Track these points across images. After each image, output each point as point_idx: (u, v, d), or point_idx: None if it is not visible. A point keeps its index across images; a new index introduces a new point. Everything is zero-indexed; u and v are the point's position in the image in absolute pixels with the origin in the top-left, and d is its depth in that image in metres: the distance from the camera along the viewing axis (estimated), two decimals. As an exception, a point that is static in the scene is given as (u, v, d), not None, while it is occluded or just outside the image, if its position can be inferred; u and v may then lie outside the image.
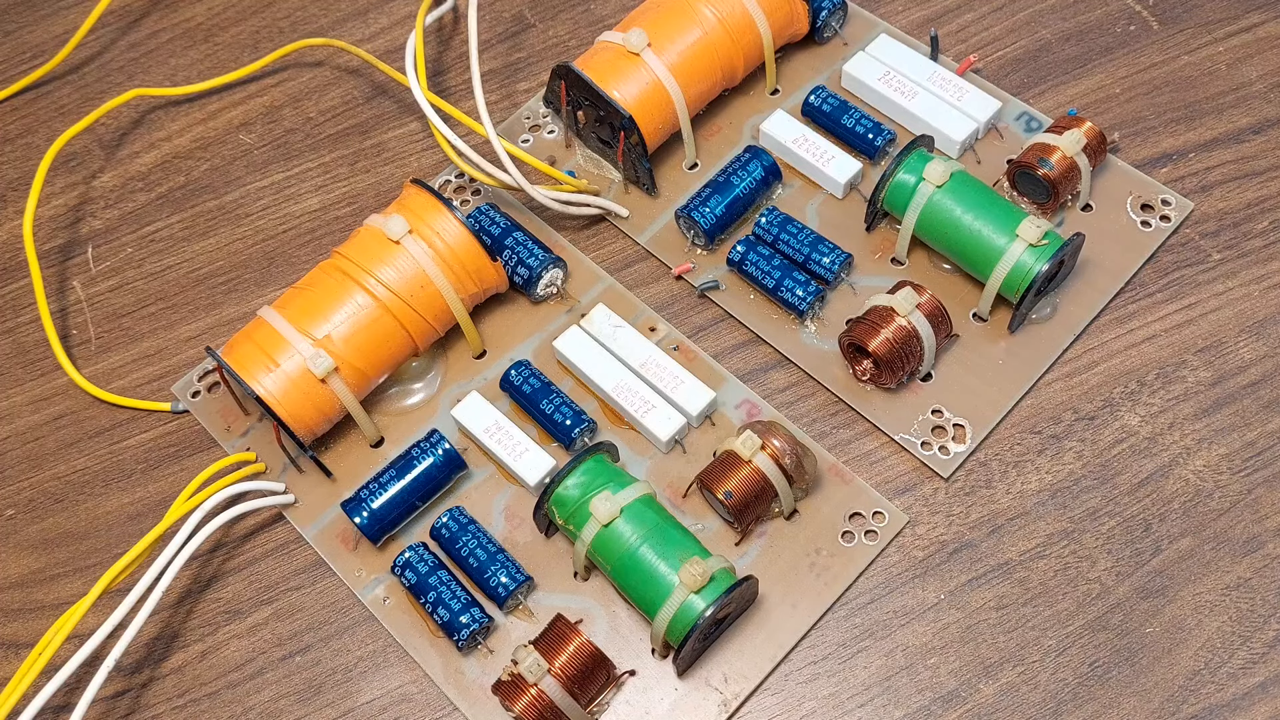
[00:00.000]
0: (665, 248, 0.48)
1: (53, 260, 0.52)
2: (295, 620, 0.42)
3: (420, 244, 0.43)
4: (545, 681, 0.37)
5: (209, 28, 0.58)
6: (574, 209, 0.48)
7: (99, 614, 0.40)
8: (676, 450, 0.43)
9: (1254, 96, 0.49)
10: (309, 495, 0.44)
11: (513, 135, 0.51)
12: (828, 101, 0.49)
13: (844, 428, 0.43)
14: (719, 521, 0.42)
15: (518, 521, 0.42)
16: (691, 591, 0.37)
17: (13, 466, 0.47)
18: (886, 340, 0.41)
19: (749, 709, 0.39)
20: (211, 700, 0.41)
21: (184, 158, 0.54)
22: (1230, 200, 0.46)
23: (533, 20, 0.56)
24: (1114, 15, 0.52)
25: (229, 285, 0.50)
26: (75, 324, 0.50)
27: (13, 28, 0.59)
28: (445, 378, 0.46)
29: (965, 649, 0.39)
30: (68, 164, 0.54)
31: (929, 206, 0.44)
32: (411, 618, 0.41)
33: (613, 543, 0.39)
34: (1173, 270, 0.45)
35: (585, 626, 0.40)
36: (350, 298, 0.42)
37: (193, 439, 0.46)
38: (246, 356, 0.42)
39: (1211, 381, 0.43)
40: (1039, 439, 0.42)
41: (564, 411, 0.43)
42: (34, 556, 0.44)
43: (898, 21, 0.53)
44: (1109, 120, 0.49)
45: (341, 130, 0.54)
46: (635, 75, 0.47)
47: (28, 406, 0.48)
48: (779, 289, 0.45)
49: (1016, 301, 0.43)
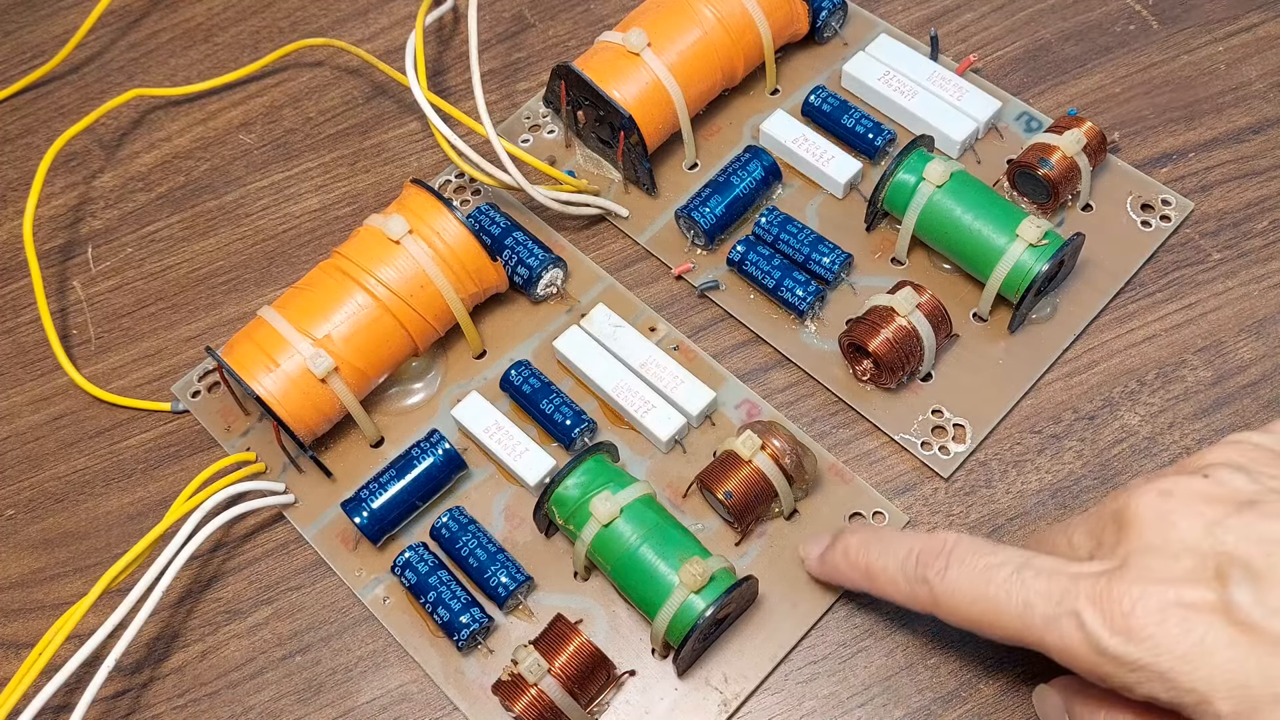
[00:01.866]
0: (665, 248, 0.48)
1: (53, 260, 0.52)
2: (295, 620, 0.42)
3: (420, 244, 0.43)
4: (545, 681, 0.37)
5: (209, 28, 0.58)
6: (574, 209, 0.48)
7: (99, 614, 0.40)
8: (676, 450, 0.43)
9: (1254, 96, 0.49)
10: (309, 495, 0.44)
11: (513, 135, 0.51)
12: (828, 101, 0.49)
13: (844, 428, 0.43)
14: (719, 521, 0.42)
15: (518, 521, 0.42)
16: (691, 591, 0.37)
17: (13, 466, 0.47)
18: (886, 340, 0.41)
19: (749, 709, 0.39)
20: (211, 700, 0.41)
21: (184, 158, 0.54)
22: (1230, 200, 0.47)
23: (533, 20, 0.56)
24: (1114, 15, 0.52)
25: (229, 285, 0.50)
26: (75, 324, 0.50)
27: (13, 28, 0.59)
28: (445, 378, 0.46)
29: (966, 649, 0.39)
30: (68, 164, 0.54)
31: (929, 206, 0.44)
32: (411, 618, 0.41)
33: (613, 543, 0.39)
34: (1173, 270, 0.45)
35: (585, 626, 0.40)
36: (350, 298, 0.43)
37: (193, 439, 0.46)
38: (246, 356, 0.42)
39: (1211, 381, 0.43)
40: (1039, 439, 0.42)
41: (564, 411, 0.43)
42: (34, 556, 0.44)
43: (898, 21, 0.53)
44: (1109, 120, 0.49)
45: (341, 130, 0.54)
46: (635, 75, 0.47)
47: (28, 406, 0.48)
48: (779, 289, 0.45)
49: (1016, 301, 0.43)
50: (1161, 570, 0.30)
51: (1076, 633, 0.30)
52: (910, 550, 0.35)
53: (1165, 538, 0.31)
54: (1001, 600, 0.32)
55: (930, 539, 0.35)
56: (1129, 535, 0.31)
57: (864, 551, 0.37)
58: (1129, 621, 0.29)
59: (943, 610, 0.34)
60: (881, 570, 0.36)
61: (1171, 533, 0.31)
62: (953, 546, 0.34)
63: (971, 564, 0.33)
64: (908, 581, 0.35)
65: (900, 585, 0.35)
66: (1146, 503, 0.31)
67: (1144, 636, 0.29)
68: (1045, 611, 0.31)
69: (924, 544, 0.35)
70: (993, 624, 0.32)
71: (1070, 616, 0.30)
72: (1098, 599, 0.30)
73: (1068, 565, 0.32)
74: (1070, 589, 0.31)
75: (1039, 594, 0.31)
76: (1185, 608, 0.29)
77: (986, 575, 0.33)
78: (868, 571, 0.36)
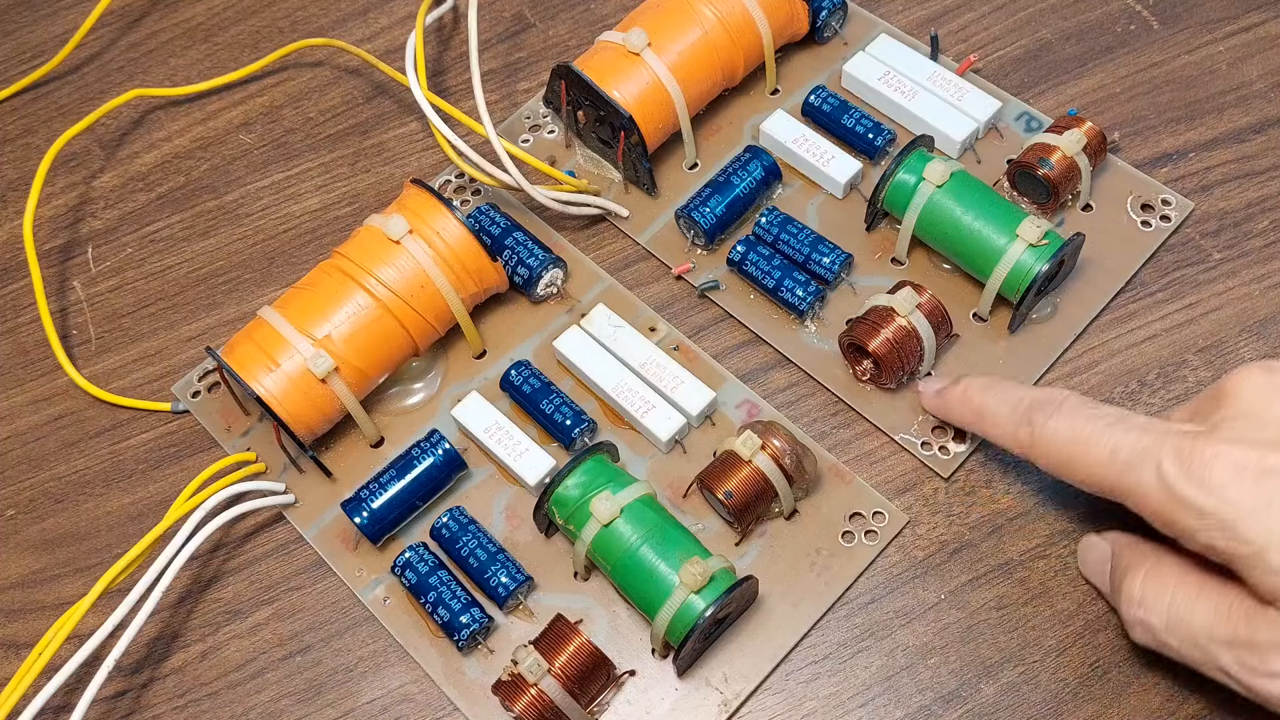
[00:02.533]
0: (665, 248, 0.48)
1: (53, 260, 0.52)
2: (296, 620, 0.42)
3: (420, 244, 0.43)
4: (545, 681, 0.37)
5: (209, 28, 0.58)
6: (574, 209, 0.48)
7: (99, 614, 0.40)
8: (676, 450, 0.43)
9: (1254, 96, 0.49)
10: (309, 495, 0.44)
11: (513, 135, 0.51)
12: (828, 101, 0.49)
13: (844, 428, 0.43)
14: (719, 521, 0.42)
15: (518, 521, 0.42)
16: (692, 591, 0.37)
17: (13, 467, 0.47)
18: (886, 340, 0.41)
19: (749, 709, 0.39)
20: (212, 700, 0.41)
21: (184, 158, 0.54)
22: (1230, 200, 0.46)
23: (533, 20, 0.56)
24: (1114, 15, 0.52)
25: (229, 285, 0.50)
26: (75, 324, 0.50)
27: (13, 28, 0.59)
28: (445, 378, 0.46)
29: (966, 649, 0.39)
30: (68, 164, 0.54)
31: (929, 206, 0.44)
32: (412, 618, 0.41)
33: (613, 543, 0.39)
34: (1173, 270, 0.45)
35: (585, 626, 0.40)
36: (350, 298, 0.42)
37: (193, 439, 0.46)
38: (246, 356, 0.42)
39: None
40: (1039, 439, 0.42)
41: (564, 411, 0.43)
42: (34, 556, 0.44)
43: (898, 21, 0.53)
44: (1109, 120, 0.49)
45: (341, 130, 0.54)
46: (635, 75, 0.47)
47: (28, 407, 0.48)
48: (779, 289, 0.45)
49: (1017, 301, 0.43)
50: (1248, 434, 0.32)
51: (1154, 478, 0.32)
52: (1023, 398, 0.37)
53: (1259, 408, 0.33)
54: (1093, 443, 0.34)
55: (1045, 391, 0.37)
56: (1225, 404, 0.33)
57: (982, 394, 0.39)
58: (1205, 472, 0.31)
59: (1039, 450, 0.36)
60: (993, 411, 0.38)
61: (1266, 404, 0.33)
62: (1063, 399, 0.36)
63: (1075, 414, 0.35)
64: (1013, 423, 0.37)
65: (1005, 425, 0.38)
66: (1247, 376, 0.34)
67: (1217, 486, 0.31)
68: (1129, 458, 0.33)
69: (1038, 394, 0.37)
70: (1081, 464, 0.35)
71: (1151, 463, 0.32)
72: (1181, 450, 0.32)
73: (1162, 423, 0.34)
74: (1158, 441, 0.33)
75: (1128, 442, 0.33)
76: (1263, 470, 0.31)
77: (1084, 425, 0.35)
78: (979, 410, 0.39)
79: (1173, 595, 0.34)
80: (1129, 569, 0.35)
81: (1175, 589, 0.34)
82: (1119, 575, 0.36)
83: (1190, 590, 0.33)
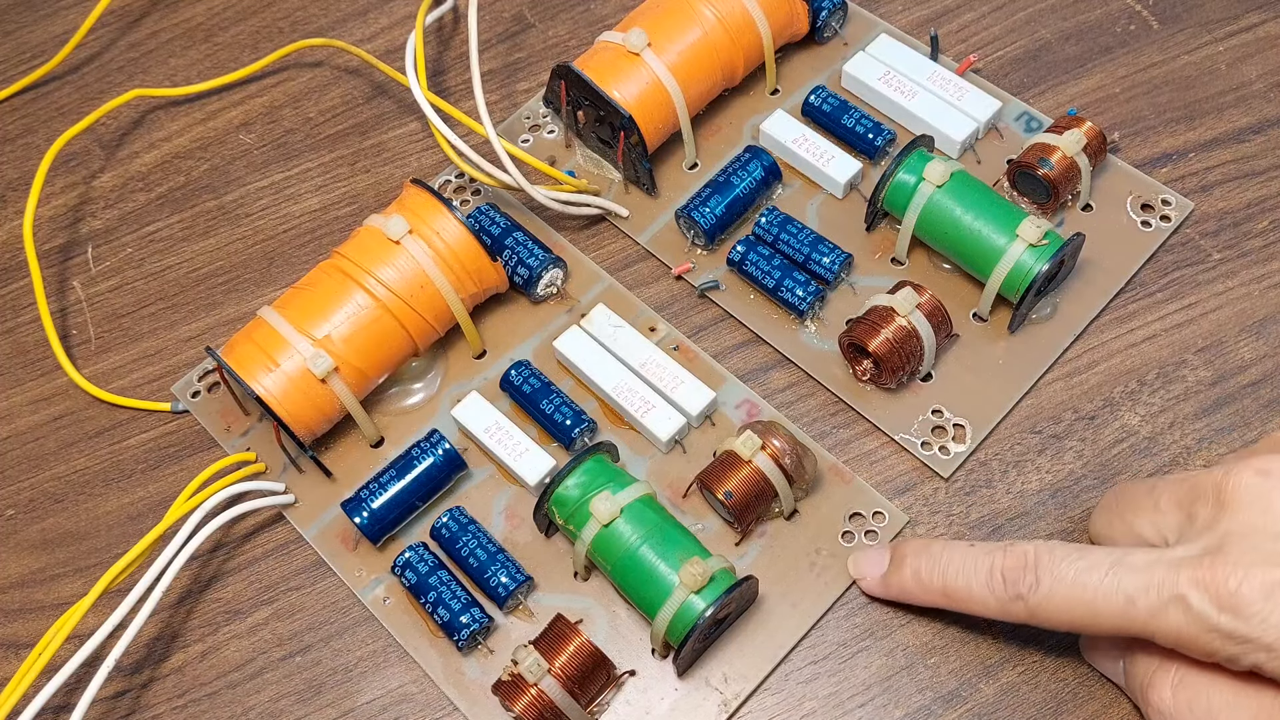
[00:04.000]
0: (665, 248, 0.48)
1: (53, 260, 0.52)
2: (295, 620, 0.42)
3: (420, 244, 0.43)
4: (545, 681, 0.37)
5: (209, 28, 0.58)
6: (574, 209, 0.48)
7: (99, 614, 0.40)
8: (676, 450, 0.43)
9: (1254, 96, 0.49)
10: (309, 495, 0.44)
11: (513, 135, 0.51)
12: (828, 101, 0.49)
13: (844, 428, 0.43)
14: (719, 521, 0.42)
15: (518, 521, 0.42)
16: (691, 591, 0.37)
17: (13, 466, 0.47)
18: (886, 340, 0.41)
19: (749, 709, 0.39)
20: (211, 700, 0.41)
21: (184, 158, 0.54)
22: (1230, 200, 0.46)
23: (533, 20, 0.56)
24: (1114, 15, 0.52)
25: (229, 285, 0.50)
26: (75, 324, 0.50)
27: (13, 28, 0.59)
28: (445, 378, 0.46)
29: (965, 649, 0.39)
30: (68, 164, 0.54)
31: (929, 206, 0.44)
32: (411, 618, 0.41)
33: (613, 543, 0.39)
34: (1173, 270, 0.45)
35: (585, 626, 0.40)
36: (350, 298, 0.42)
37: (193, 439, 0.46)
38: (246, 356, 0.42)
39: (1211, 381, 0.43)
40: (1039, 439, 0.42)
41: (564, 411, 0.43)
42: (34, 556, 0.44)
43: (898, 21, 0.53)
44: (1109, 120, 0.49)
45: (341, 130, 0.54)
46: (635, 75, 0.47)
47: (28, 406, 0.48)
48: (779, 289, 0.45)
49: (1016, 301, 0.43)
50: (1263, 548, 0.31)
51: (1183, 616, 0.31)
52: (991, 568, 0.35)
53: (1264, 519, 0.32)
54: (1101, 602, 0.33)
55: (1009, 554, 0.35)
56: (1227, 513, 0.32)
57: (937, 573, 0.37)
58: (1235, 600, 0.31)
59: (1040, 621, 0.34)
60: (964, 590, 0.36)
61: (1268, 513, 0.32)
62: (1035, 558, 0.34)
63: (1063, 573, 0.34)
64: (999, 601, 0.35)
65: (991, 604, 0.35)
66: (1245, 481, 0.32)
67: (1252, 613, 0.30)
68: (1148, 603, 0.32)
69: (1005, 560, 0.35)
70: (1095, 624, 0.33)
71: (1176, 602, 0.31)
72: (1201, 581, 0.31)
73: (1161, 554, 0.32)
74: (1170, 577, 0.32)
75: (1139, 587, 0.32)
76: None
77: (1081, 581, 0.33)
78: (946, 592, 0.37)
79: (1208, 702, 0.33)
80: (1154, 677, 0.34)
81: (1210, 696, 0.33)
82: (1140, 681, 0.35)
83: (1226, 694, 0.32)
